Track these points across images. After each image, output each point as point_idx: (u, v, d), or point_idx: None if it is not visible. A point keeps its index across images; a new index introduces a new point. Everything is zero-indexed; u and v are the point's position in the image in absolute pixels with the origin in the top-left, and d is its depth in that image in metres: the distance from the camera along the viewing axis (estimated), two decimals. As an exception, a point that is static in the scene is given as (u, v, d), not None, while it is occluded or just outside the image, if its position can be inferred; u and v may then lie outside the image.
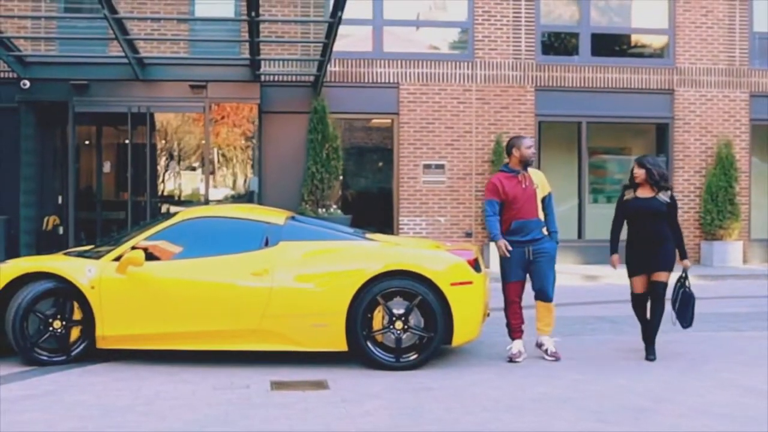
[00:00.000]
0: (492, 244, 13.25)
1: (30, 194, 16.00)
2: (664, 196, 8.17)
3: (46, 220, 16.33)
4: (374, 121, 18.05)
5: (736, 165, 18.06)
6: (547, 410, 6.26)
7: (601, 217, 18.39)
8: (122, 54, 14.60)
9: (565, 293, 12.85)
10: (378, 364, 7.62)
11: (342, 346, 7.72)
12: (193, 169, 18.04)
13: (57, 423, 5.87)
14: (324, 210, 16.06)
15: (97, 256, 8.11)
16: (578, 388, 6.96)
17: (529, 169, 8.32)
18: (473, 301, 7.88)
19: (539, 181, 8.34)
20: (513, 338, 8.26)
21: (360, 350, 7.70)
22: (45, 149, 16.56)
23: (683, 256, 8.25)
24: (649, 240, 8.12)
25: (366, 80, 17.43)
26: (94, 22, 13.40)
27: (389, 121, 17.65)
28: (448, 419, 6.01)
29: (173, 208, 16.23)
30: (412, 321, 7.74)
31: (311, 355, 7.90)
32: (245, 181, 18.05)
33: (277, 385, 7.03)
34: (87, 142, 17.78)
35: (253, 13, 12.35)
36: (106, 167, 17.53)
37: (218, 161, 18.10)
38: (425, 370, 7.62)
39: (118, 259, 7.86)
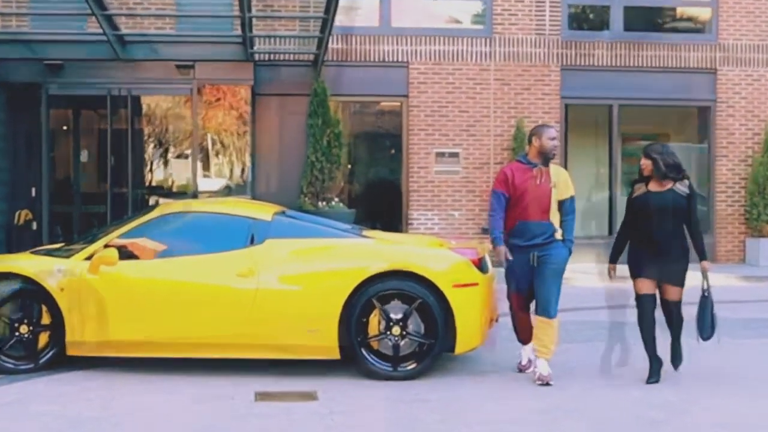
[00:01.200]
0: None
1: (0, 186, 16.43)
2: (682, 187, 7.79)
3: (17, 214, 16.71)
4: (381, 104, 18.44)
5: (786, 153, 18.28)
6: (553, 422, 6.48)
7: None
8: (100, 31, 14.97)
9: (586, 295, 13.11)
10: (373, 374, 7.84)
11: (334, 353, 7.96)
12: (180, 158, 18.48)
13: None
14: (325, 203, 16.36)
15: (68, 255, 8.39)
16: (587, 400, 7.18)
17: (552, 166, 8.06)
18: (478, 304, 8.09)
19: (560, 180, 8.02)
20: (523, 343, 8.26)
21: (354, 358, 7.94)
22: (16, 136, 16.97)
23: (702, 257, 7.85)
24: (662, 243, 7.73)
25: (372, 59, 17.77)
26: (71, -1, 13.88)
27: (398, 104, 18.02)
28: (436, 427, 6.25)
29: (159, 201, 16.63)
30: (410, 326, 7.96)
31: (301, 364, 8.13)
32: (238, 171, 18.43)
33: (261, 396, 7.29)
34: (63, 128, 18.26)
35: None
36: (84, 156, 18.00)
37: (208, 149, 18.49)
38: (424, 380, 7.84)
39: (90, 258, 8.13)
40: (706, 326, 7.77)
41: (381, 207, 17.82)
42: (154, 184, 18.66)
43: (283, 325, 7.91)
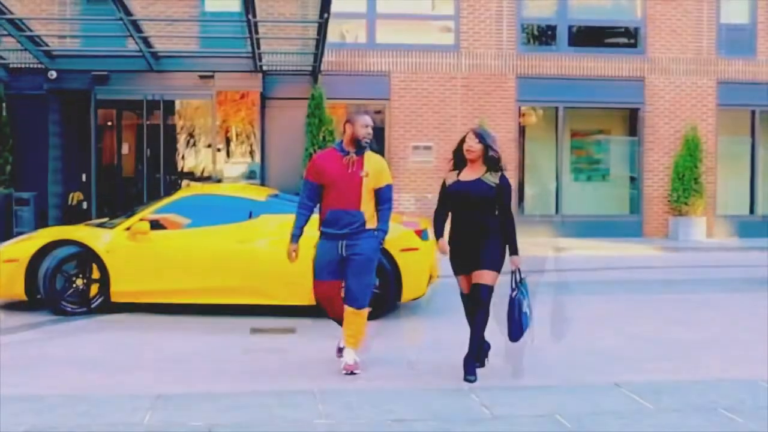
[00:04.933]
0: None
1: (57, 173, 17.65)
2: (492, 177, 6.64)
3: (71, 196, 17.96)
4: (368, 106, 19.42)
5: (702, 147, 19.43)
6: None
7: (579, 193, 20.07)
8: (138, 48, 16.17)
9: (531, 262, 14.48)
10: (339, 316, 9.23)
11: (310, 300, 9.24)
12: (202, 150, 19.51)
13: (79, 353, 7.61)
14: (320, 187, 17.49)
15: (112, 227, 9.84)
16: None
17: (368, 154, 6.95)
18: (419, 264, 9.50)
19: (374, 168, 6.93)
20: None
21: (324, 304, 9.32)
22: (70, 133, 18.07)
23: (513, 252, 6.68)
24: (472, 233, 6.65)
25: (360, 69, 18.91)
26: (114, 23, 14.94)
27: (381, 106, 19.09)
28: (381, 350, 7.67)
29: (185, 185, 17.91)
30: (369, 280, 9.34)
31: (285, 309, 9.50)
32: (251, 160, 19.57)
33: (255, 330, 8.74)
34: (108, 126, 19.24)
35: (250, 15, 13.95)
36: (125, 148, 19.03)
37: (224, 143, 19.60)
38: (379, 320, 9.12)
39: (129, 228, 9.56)
40: (515, 328, 6.62)
41: (367, 190, 18.95)
42: (182, 170, 19.41)
43: (272, 279, 9.30)
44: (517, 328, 6.59)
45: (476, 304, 6.62)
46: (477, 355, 6.76)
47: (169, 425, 5.34)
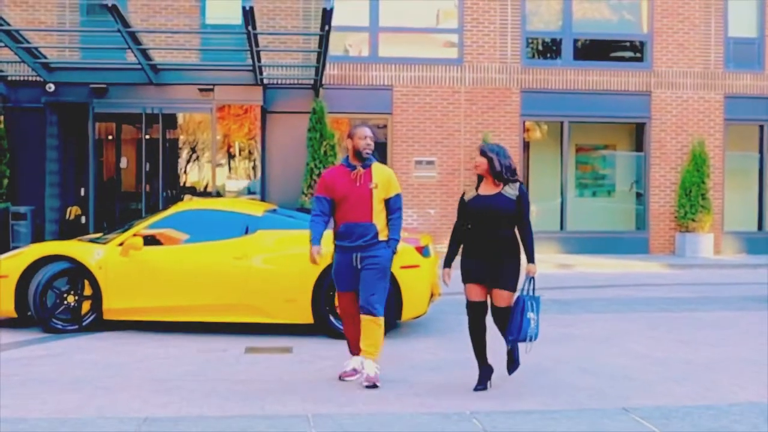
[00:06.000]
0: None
1: (54, 187, 17.49)
2: (511, 190, 6.68)
3: (68, 210, 17.81)
4: (370, 120, 19.34)
5: (709, 162, 19.23)
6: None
7: (583, 209, 19.83)
8: (136, 61, 16.03)
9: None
10: (337, 334, 8.85)
11: (308, 318, 9.14)
12: (202, 164, 19.39)
13: (67, 373, 7.36)
14: (321, 203, 17.32)
15: (105, 242, 9.61)
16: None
17: (375, 165, 7.17)
18: (420, 282, 9.25)
19: (382, 180, 7.11)
20: (352, 353, 7.39)
21: (323, 322, 9.11)
22: (68, 146, 17.99)
23: (530, 260, 6.72)
24: (492, 248, 6.63)
25: (362, 83, 18.76)
26: (113, 35, 14.77)
27: (384, 120, 18.94)
28: (379, 371, 7.42)
29: (186, 198, 17.72)
30: (367, 299, 9.15)
31: (283, 327, 9.29)
32: (252, 174, 19.41)
33: (249, 350, 8.49)
34: (107, 139, 19.11)
35: (250, 27, 13.76)
36: (123, 162, 18.87)
37: (224, 157, 19.47)
38: (377, 339, 9.02)
39: (122, 244, 9.33)
40: (514, 328, 6.59)
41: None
42: (181, 185, 19.42)
43: (269, 296, 9.08)
44: (515, 327, 6.57)
45: (499, 324, 6.74)
46: (509, 363, 6.92)
47: (154, 451, 5.09)
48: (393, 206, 7.13)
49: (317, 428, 5.62)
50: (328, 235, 7.23)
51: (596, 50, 20.03)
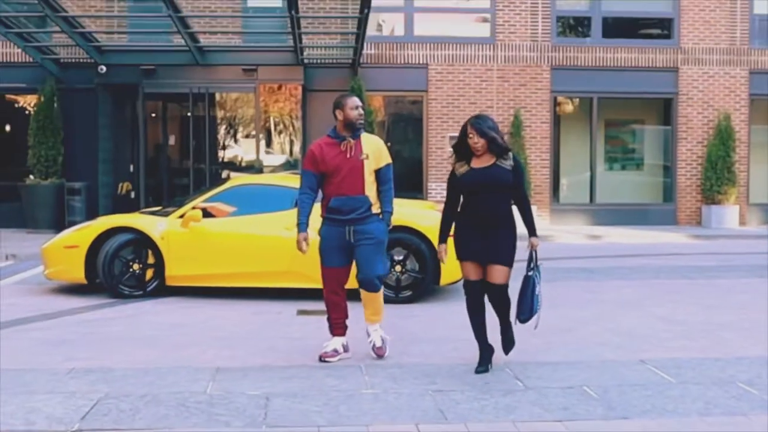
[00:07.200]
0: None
1: (106, 163, 18.35)
2: (505, 162, 6.36)
3: (120, 185, 18.65)
4: (407, 97, 19.99)
5: (735, 136, 19.73)
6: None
7: (613, 182, 20.37)
8: (184, 43, 16.76)
9: (565, 249, 14.98)
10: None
11: (354, 284, 9.83)
12: (246, 140, 20.08)
13: (139, 332, 8.15)
14: (360, 176, 17.92)
15: (166, 215, 10.41)
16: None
17: (365, 136, 6.85)
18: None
19: (372, 150, 6.81)
20: (333, 335, 7.11)
21: (366, 287, 9.79)
22: (119, 125, 18.82)
23: (531, 233, 6.44)
24: (485, 221, 6.33)
25: (399, 61, 19.39)
26: (160, 20, 15.48)
27: (419, 97, 19.59)
28: (420, 332, 8.13)
29: (230, 174, 18.47)
30: (408, 265, 9.88)
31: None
32: (293, 149, 20.07)
33: (301, 312, 9.24)
34: (155, 118, 19.90)
35: (293, 11, 14.45)
36: (171, 140, 19.68)
37: (268, 134, 20.16)
38: (418, 304, 9.71)
39: (182, 216, 10.11)
40: (525, 308, 6.47)
41: (406, 179, 19.00)
42: (226, 160, 20.10)
43: (316, 263, 9.74)
44: (527, 307, 6.44)
45: (494, 301, 6.52)
46: (504, 343, 6.75)
47: (230, 393, 5.84)
48: (384, 177, 6.86)
49: (370, 376, 6.36)
50: (316, 209, 6.98)
51: (625, 28, 20.45)
